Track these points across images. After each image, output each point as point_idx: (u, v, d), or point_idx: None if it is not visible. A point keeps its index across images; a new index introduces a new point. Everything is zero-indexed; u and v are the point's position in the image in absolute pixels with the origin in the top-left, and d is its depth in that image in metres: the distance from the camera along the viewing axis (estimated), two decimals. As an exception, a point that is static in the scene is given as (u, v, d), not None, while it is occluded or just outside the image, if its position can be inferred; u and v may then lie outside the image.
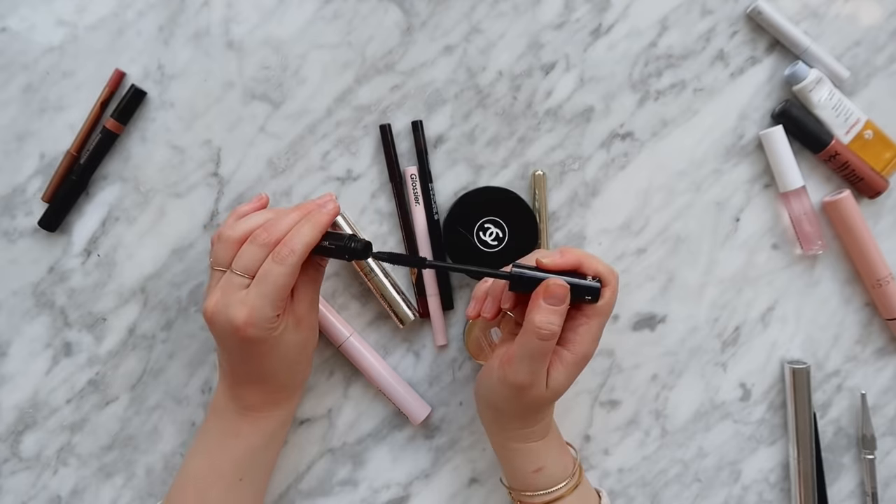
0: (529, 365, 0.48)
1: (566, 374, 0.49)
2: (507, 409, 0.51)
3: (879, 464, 0.65)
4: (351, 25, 0.60)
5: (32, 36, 0.59)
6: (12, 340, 0.61)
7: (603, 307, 0.49)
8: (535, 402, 0.50)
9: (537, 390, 0.49)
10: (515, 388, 0.49)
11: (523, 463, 0.54)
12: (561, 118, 0.62)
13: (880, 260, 0.62)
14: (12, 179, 0.60)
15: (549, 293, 0.47)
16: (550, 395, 0.49)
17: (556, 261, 0.48)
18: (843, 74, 0.62)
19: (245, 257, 0.48)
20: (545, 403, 0.51)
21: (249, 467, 0.54)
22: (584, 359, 0.49)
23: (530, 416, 0.52)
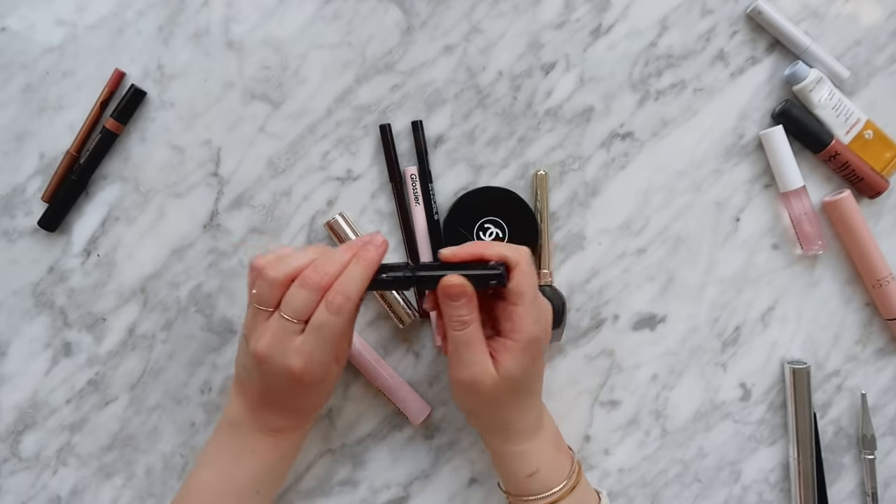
0: (461, 358, 0.48)
1: (514, 360, 0.49)
2: (475, 408, 0.52)
3: (879, 464, 0.65)
4: (351, 25, 0.60)
5: (32, 36, 0.59)
6: (12, 340, 0.61)
7: (518, 288, 0.48)
8: (492, 393, 0.49)
9: (487, 381, 0.48)
10: (465, 385, 0.49)
11: (516, 467, 0.53)
12: (561, 118, 0.62)
13: (880, 260, 0.62)
14: (12, 179, 0.60)
15: (445, 293, 0.47)
16: (506, 384, 0.49)
17: (456, 252, 0.49)
18: (844, 74, 0.62)
19: (296, 301, 0.46)
20: (505, 393, 0.50)
21: (265, 482, 0.53)
22: (531, 342, 0.49)
23: (503, 411, 0.51)
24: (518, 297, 0.48)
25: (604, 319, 0.64)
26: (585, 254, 0.63)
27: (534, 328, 0.49)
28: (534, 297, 0.49)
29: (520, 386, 0.50)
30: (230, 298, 0.62)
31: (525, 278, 0.48)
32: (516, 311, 0.48)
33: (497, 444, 0.54)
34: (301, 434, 0.55)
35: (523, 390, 0.51)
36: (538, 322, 0.49)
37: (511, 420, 0.52)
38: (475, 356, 0.48)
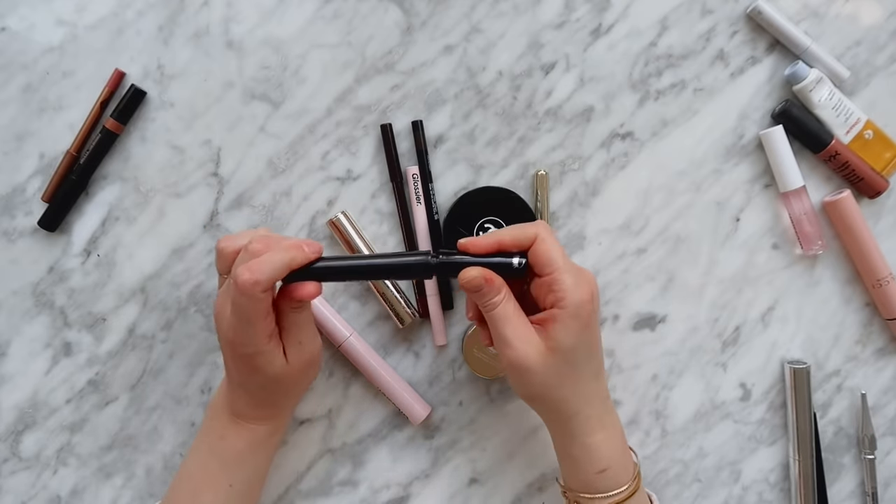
0: (503, 337, 0.47)
1: (564, 327, 0.47)
2: (533, 391, 0.49)
3: (879, 464, 0.65)
4: (351, 25, 0.60)
5: (32, 36, 0.59)
6: (12, 340, 0.61)
7: (544, 256, 0.47)
8: (546, 368, 0.47)
9: (534, 354, 0.47)
10: (515, 366, 0.47)
11: (588, 462, 0.50)
12: (561, 118, 0.62)
13: (880, 260, 0.62)
14: (12, 179, 0.60)
15: (466, 289, 0.47)
16: (559, 356, 0.47)
17: (477, 242, 0.48)
18: (844, 74, 0.62)
19: (229, 269, 0.48)
20: (560, 367, 0.47)
21: (237, 473, 0.53)
22: (578, 307, 0.47)
23: (562, 390, 0.48)
24: (547, 265, 0.47)
25: (604, 319, 0.64)
26: (585, 254, 0.63)
27: (576, 292, 0.47)
28: (565, 263, 0.47)
29: (575, 358, 0.47)
30: (230, 298, 0.62)
31: (547, 246, 0.47)
32: (553, 280, 0.47)
33: (565, 435, 0.51)
34: (266, 427, 0.53)
35: (581, 363, 0.48)
36: (579, 285, 0.47)
37: (574, 402, 0.49)
38: (516, 330, 0.47)
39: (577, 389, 0.49)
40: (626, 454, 0.52)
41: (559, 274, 0.47)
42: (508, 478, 0.64)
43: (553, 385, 0.48)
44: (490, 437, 0.64)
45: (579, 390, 0.49)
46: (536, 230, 0.48)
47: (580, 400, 0.49)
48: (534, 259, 0.47)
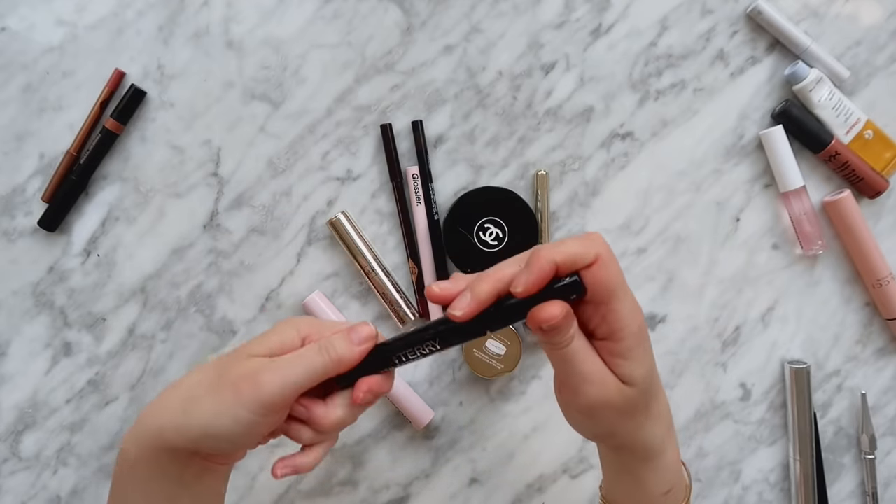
0: (579, 374, 0.40)
1: (635, 360, 0.41)
2: (611, 429, 0.43)
3: (879, 464, 0.65)
4: (351, 25, 0.60)
5: (32, 36, 0.59)
6: (12, 340, 0.61)
7: (609, 283, 0.39)
8: (627, 406, 0.41)
9: (615, 394, 0.40)
10: (593, 408, 0.41)
11: (656, 484, 0.45)
12: (561, 118, 0.62)
13: (880, 260, 0.62)
14: (12, 179, 0.60)
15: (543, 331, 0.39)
16: (637, 392, 0.41)
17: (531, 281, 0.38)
18: (844, 74, 0.62)
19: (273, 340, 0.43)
20: (640, 402, 0.42)
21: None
22: (642, 333, 0.41)
23: (644, 425, 0.43)
24: (611, 293, 0.39)
25: (604, 319, 0.64)
26: (585, 254, 0.63)
27: (633, 319, 0.41)
28: (626, 287, 0.41)
29: (648, 386, 0.42)
30: (230, 298, 0.62)
31: (610, 269, 0.39)
32: (615, 309, 0.40)
33: (635, 462, 0.45)
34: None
35: (653, 392, 0.43)
36: (634, 311, 0.41)
37: (648, 429, 0.43)
38: (593, 365, 0.40)
39: (654, 416, 0.44)
40: (682, 471, 0.47)
41: (621, 303, 0.40)
42: (508, 478, 0.64)
43: (630, 418, 0.42)
44: (490, 437, 0.64)
45: (656, 417, 0.44)
46: (598, 251, 0.39)
47: (654, 424, 0.44)
48: (592, 284, 0.39)
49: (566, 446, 0.64)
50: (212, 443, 0.41)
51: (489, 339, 0.60)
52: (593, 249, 0.39)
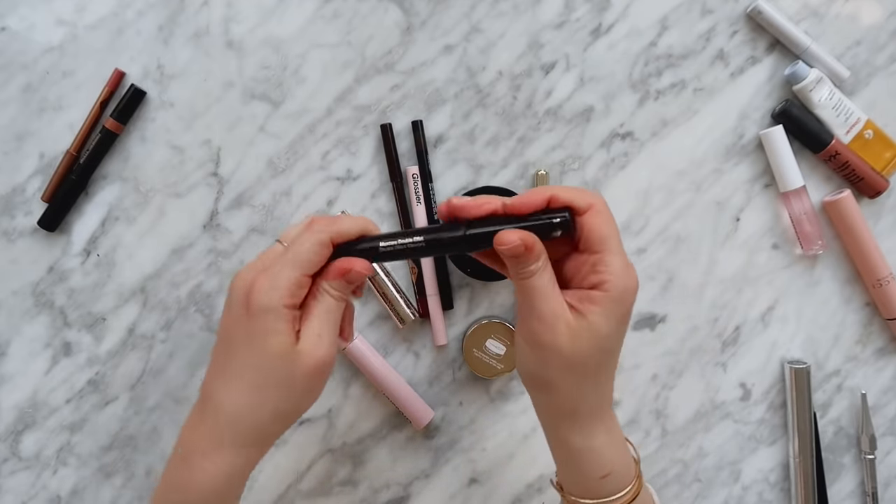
0: (534, 308, 0.41)
1: (604, 311, 0.40)
2: (550, 375, 0.42)
3: (879, 464, 0.65)
4: (351, 25, 0.60)
5: (32, 35, 0.59)
6: (12, 340, 0.61)
7: (598, 231, 0.41)
8: (573, 351, 0.41)
9: (564, 332, 0.40)
10: (538, 342, 0.41)
11: (590, 467, 0.45)
12: (561, 118, 0.62)
13: (880, 260, 0.62)
14: (12, 179, 0.60)
15: (505, 254, 0.40)
16: (591, 341, 0.41)
17: (527, 200, 0.41)
18: (844, 74, 0.62)
19: (292, 231, 0.44)
20: (588, 353, 0.41)
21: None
22: (624, 293, 0.41)
23: (584, 382, 0.43)
24: (600, 242, 0.41)
25: (604, 319, 0.64)
26: (585, 254, 0.63)
27: (626, 277, 0.41)
28: (619, 243, 0.42)
29: (608, 347, 0.42)
30: (230, 298, 0.62)
31: (604, 219, 0.41)
32: (602, 259, 0.41)
33: (569, 435, 0.45)
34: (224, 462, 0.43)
35: (608, 357, 0.43)
36: (627, 272, 0.41)
37: (587, 398, 0.43)
38: (550, 304, 0.41)
39: (596, 384, 0.44)
40: (627, 455, 0.47)
41: (609, 255, 0.41)
42: (508, 478, 0.64)
43: (575, 372, 0.42)
44: (490, 437, 0.64)
45: (597, 386, 0.44)
46: (594, 199, 0.41)
47: (593, 397, 0.44)
48: (584, 232, 0.41)
49: (566, 446, 0.64)
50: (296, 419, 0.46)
51: (489, 339, 0.60)
52: (590, 198, 0.41)
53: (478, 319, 0.62)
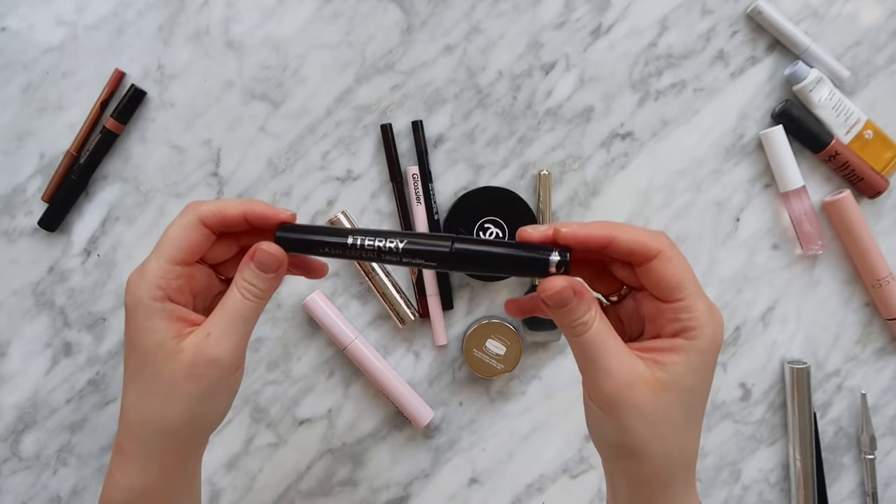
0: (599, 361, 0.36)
1: (688, 364, 0.36)
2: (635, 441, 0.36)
3: (879, 464, 0.65)
4: (351, 25, 0.60)
5: (32, 36, 0.59)
6: (12, 340, 0.61)
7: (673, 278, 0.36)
8: (659, 411, 0.35)
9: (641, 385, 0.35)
10: (618, 401, 0.35)
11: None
12: (561, 118, 0.62)
13: (880, 260, 0.62)
14: (12, 179, 0.60)
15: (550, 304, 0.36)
16: (674, 393, 0.35)
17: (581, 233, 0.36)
18: (844, 74, 0.62)
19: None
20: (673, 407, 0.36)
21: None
22: (712, 342, 0.36)
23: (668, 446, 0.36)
24: (677, 289, 0.36)
25: (604, 319, 0.64)
26: (585, 254, 0.63)
27: (712, 323, 0.36)
28: (698, 285, 0.37)
29: (693, 402, 0.37)
30: (230, 298, 0.62)
31: (677, 263, 0.36)
32: (683, 307, 0.36)
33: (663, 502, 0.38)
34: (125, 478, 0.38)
35: (694, 413, 0.37)
36: (714, 317, 0.36)
37: (676, 463, 0.37)
38: (618, 358, 0.35)
39: (684, 445, 0.37)
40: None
41: (691, 300, 0.36)
42: (508, 478, 0.64)
43: (661, 433, 0.36)
44: (490, 437, 0.64)
45: (685, 447, 0.37)
46: (661, 245, 0.36)
47: (684, 461, 0.37)
48: (658, 280, 0.36)
49: (566, 446, 0.64)
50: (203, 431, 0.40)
51: (489, 339, 0.60)
52: (657, 244, 0.36)
53: (478, 319, 0.62)
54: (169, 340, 0.37)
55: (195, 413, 0.38)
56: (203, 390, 0.37)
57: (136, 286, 0.37)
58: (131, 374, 0.38)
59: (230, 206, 0.39)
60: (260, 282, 0.38)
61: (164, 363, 0.37)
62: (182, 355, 0.37)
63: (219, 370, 0.37)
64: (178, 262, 0.38)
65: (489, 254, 0.37)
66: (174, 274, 0.38)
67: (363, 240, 0.37)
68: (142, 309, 0.37)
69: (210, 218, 0.38)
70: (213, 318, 0.38)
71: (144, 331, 0.37)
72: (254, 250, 0.38)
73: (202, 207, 0.38)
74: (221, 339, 0.37)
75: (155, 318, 0.37)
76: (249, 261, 0.38)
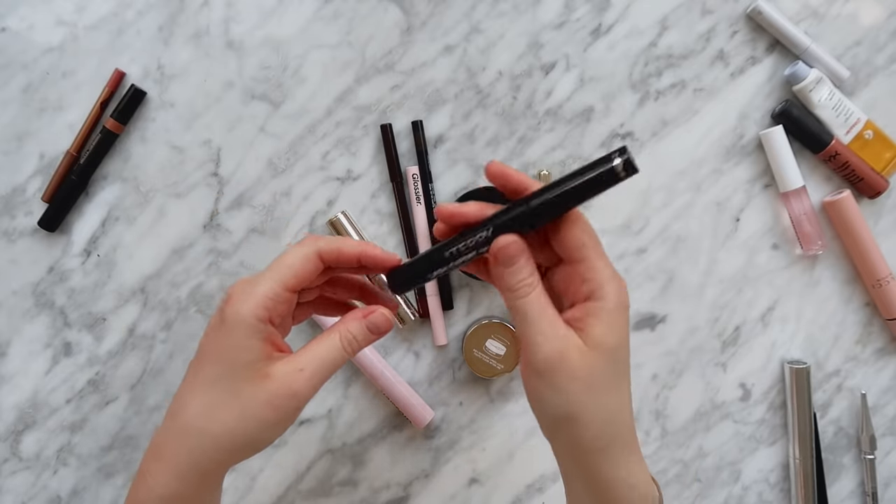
0: (539, 331, 0.37)
1: (606, 323, 0.37)
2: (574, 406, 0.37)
3: (879, 464, 0.65)
4: (351, 25, 0.60)
5: (32, 36, 0.59)
6: (12, 340, 0.61)
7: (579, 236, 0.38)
8: (588, 373, 0.37)
9: (575, 354, 0.37)
10: (552, 366, 0.37)
11: (631, 500, 0.39)
12: (561, 118, 0.62)
13: (880, 260, 0.62)
14: (12, 179, 0.60)
15: (501, 258, 0.38)
16: (603, 357, 0.37)
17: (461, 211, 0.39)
18: (843, 74, 0.62)
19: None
20: (605, 372, 0.38)
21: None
22: (618, 301, 0.38)
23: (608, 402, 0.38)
24: (580, 248, 0.38)
25: (604, 319, 0.64)
26: (585, 254, 0.63)
27: (622, 288, 0.38)
28: (601, 250, 0.39)
29: (620, 359, 0.38)
30: (230, 298, 0.62)
31: (579, 226, 0.38)
32: (588, 268, 0.38)
33: (606, 468, 0.39)
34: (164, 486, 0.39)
35: (622, 371, 0.39)
36: (617, 277, 0.38)
37: (617, 421, 0.38)
38: (554, 325, 0.37)
39: (620, 404, 0.39)
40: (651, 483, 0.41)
41: (598, 260, 0.38)
42: (508, 478, 0.64)
43: (596, 393, 0.38)
44: (490, 437, 0.64)
45: (620, 407, 0.39)
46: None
47: (619, 419, 0.39)
48: (564, 239, 0.38)
49: (566, 446, 0.64)
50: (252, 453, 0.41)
51: (489, 339, 0.60)
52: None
53: (478, 319, 0.62)
54: (259, 362, 0.38)
55: (258, 436, 0.39)
56: (276, 418, 0.39)
57: (243, 301, 0.38)
58: (205, 383, 0.39)
59: (348, 245, 0.41)
60: (364, 339, 0.41)
61: (246, 383, 0.38)
62: (268, 381, 0.38)
63: (297, 404, 0.39)
64: (289, 288, 0.39)
65: (563, 193, 0.38)
66: (283, 298, 0.39)
67: (458, 248, 0.40)
68: (243, 325, 0.38)
69: (328, 254, 0.40)
70: (307, 355, 0.39)
71: (239, 347, 0.38)
72: (370, 311, 0.41)
73: (321, 242, 0.41)
74: (311, 378, 0.39)
75: (253, 338, 0.38)
76: (362, 318, 0.41)
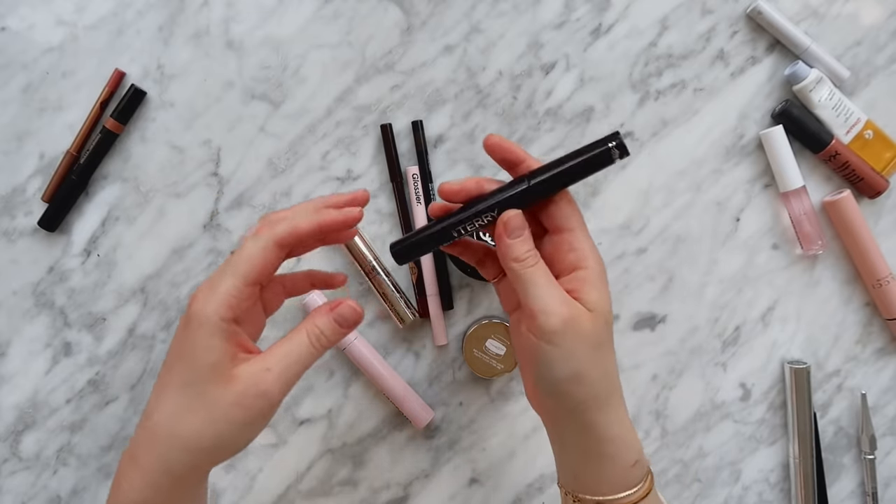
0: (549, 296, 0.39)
1: (597, 289, 0.40)
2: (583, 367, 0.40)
3: (879, 464, 0.65)
4: (351, 25, 0.60)
5: (32, 36, 0.59)
6: (12, 340, 0.61)
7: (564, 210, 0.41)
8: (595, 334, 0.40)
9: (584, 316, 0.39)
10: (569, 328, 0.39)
11: (622, 455, 0.42)
12: (561, 118, 0.62)
13: (880, 260, 0.62)
14: (12, 179, 0.60)
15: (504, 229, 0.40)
16: (602, 319, 0.40)
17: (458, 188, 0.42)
18: (844, 74, 0.62)
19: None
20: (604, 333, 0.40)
21: None
22: (600, 268, 0.41)
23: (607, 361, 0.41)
24: (567, 218, 0.41)
25: (604, 319, 0.64)
26: (585, 254, 0.63)
27: (598, 254, 0.42)
28: (584, 225, 0.42)
29: (610, 322, 0.41)
30: (230, 298, 0.62)
31: (567, 197, 0.42)
32: (575, 237, 0.41)
33: (602, 421, 0.41)
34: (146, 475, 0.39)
35: (611, 331, 0.42)
36: (597, 249, 0.42)
37: (611, 380, 0.42)
38: (559, 290, 0.40)
39: (614, 361, 0.42)
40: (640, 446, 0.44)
41: (581, 231, 0.41)
42: (508, 478, 0.64)
43: (599, 352, 0.40)
44: (490, 437, 0.64)
45: (613, 367, 0.42)
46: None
47: (615, 379, 0.42)
48: (552, 212, 0.42)
49: (566, 446, 0.64)
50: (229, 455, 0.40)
51: (489, 339, 0.60)
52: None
53: (478, 319, 0.62)
54: (225, 363, 0.37)
55: (230, 438, 0.38)
56: (246, 419, 0.38)
57: (206, 301, 0.37)
58: (173, 386, 0.38)
59: (303, 223, 0.40)
60: (332, 334, 0.40)
61: (213, 384, 0.37)
62: (235, 382, 0.37)
63: (267, 404, 0.38)
64: (250, 282, 0.38)
65: (562, 172, 0.42)
66: (246, 294, 0.38)
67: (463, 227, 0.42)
68: (206, 325, 0.37)
69: (286, 239, 0.39)
70: (274, 355, 0.38)
71: (203, 348, 0.37)
72: (337, 303, 0.40)
73: (277, 229, 0.39)
74: (279, 377, 0.38)
75: (216, 338, 0.37)
76: (328, 312, 0.40)
